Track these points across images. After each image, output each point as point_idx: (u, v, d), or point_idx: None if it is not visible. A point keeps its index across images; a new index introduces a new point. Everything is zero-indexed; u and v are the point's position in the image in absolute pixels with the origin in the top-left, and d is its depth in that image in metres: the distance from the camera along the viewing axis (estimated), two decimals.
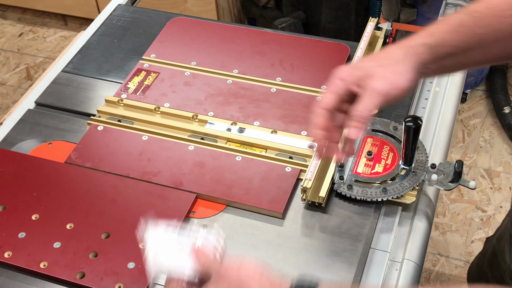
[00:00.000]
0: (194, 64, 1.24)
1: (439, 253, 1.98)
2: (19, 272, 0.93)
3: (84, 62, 1.28)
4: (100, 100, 1.19)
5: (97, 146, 1.09)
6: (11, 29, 2.96)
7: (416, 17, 2.14)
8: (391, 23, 1.26)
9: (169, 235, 0.76)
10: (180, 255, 0.75)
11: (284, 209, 0.98)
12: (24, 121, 1.16)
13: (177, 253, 0.75)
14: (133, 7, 1.43)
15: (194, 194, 1.01)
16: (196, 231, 0.77)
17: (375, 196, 0.97)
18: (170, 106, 1.16)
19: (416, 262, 0.92)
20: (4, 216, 0.98)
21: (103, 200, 1.00)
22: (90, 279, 0.90)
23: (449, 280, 1.91)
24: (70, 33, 2.91)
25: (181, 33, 1.32)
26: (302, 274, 0.69)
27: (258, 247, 0.94)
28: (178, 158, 1.07)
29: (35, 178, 1.04)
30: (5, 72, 2.73)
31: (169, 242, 0.75)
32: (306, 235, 0.95)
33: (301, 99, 1.15)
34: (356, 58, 1.17)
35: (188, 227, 0.79)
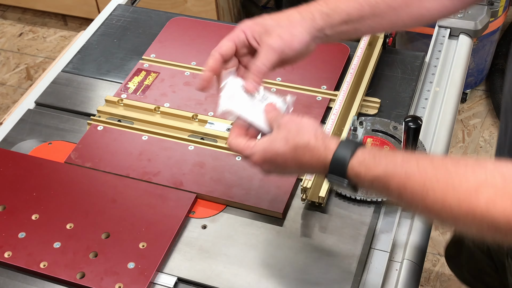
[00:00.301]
0: (194, 64, 1.24)
1: (439, 253, 1.98)
2: (19, 272, 0.93)
3: (84, 62, 1.28)
4: (100, 100, 1.19)
5: (97, 146, 1.09)
6: (11, 29, 2.96)
7: None
8: None
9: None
10: (252, 104, 0.83)
11: (284, 209, 0.98)
12: (24, 121, 1.17)
13: (249, 101, 0.83)
14: (133, 7, 1.43)
15: (194, 194, 1.01)
16: (271, 93, 0.85)
17: (375, 196, 0.97)
18: (170, 106, 1.16)
19: (416, 262, 0.92)
20: (4, 216, 0.98)
21: (103, 200, 1.00)
22: (90, 279, 0.90)
23: (449, 280, 1.91)
24: (70, 33, 2.91)
25: (181, 33, 1.32)
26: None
27: (258, 247, 0.94)
28: (178, 158, 1.07)
29: (35, 178, 1.04)
30: (5, 72, 2.73)
31: (244, 91, 0.84)
32: (306, 235, 0.95)
33: (301, 99, 1.15)
34: (356, 58, 1.17)
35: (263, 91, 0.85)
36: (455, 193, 0.65)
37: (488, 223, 0.63)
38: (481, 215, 0.63)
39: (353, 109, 1.09)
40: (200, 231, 0.97)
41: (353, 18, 0.85)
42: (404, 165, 0.69)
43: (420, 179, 0.67)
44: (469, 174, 0.65)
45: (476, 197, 0.63)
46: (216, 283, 0.90)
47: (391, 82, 1.19)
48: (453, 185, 0.65)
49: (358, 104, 1.10)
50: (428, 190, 0.66)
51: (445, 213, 0.66)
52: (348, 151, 0.73)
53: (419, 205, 0.68)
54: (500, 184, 0.63)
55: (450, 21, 1.30)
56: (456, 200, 0.64)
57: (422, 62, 1.22)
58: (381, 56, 1.22)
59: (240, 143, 0.81)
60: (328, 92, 1.16)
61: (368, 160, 0.72)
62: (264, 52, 0.82)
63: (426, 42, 1.35)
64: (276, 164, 0.78)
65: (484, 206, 0.63)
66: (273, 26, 0.83)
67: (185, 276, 0.91)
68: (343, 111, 1.09)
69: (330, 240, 0.94)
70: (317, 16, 0.84)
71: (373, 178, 0.71)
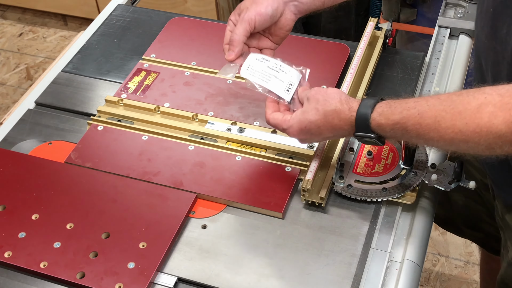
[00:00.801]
0: (194, 64, 1.24)
1: (439, 253, 1.98)
2: (19, 272, 0.93)
3: (84, 62, 1.28)
4: (100, 100, 1.19)
5: (97, 146, 1.09)
6: (11, 29, 2.96)
7: (416, 17, 2.14)
8: (391, 23, 1.25)
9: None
10: (268, 73, 0.98)
11: (284, 209, 0.98)
12: (24, 121, 1.17)
13: (266, 71, 0.98)
14: (133, 7, 1.43)
15: (194, 194, 1.01)
16: (286, 64, 0.99)
17: (375, 196, 0.97)
18: (170, 106, 1.16)
19: (416, 262, 0.92)
20: (4, 216, 0.98)
21: (103, 200, 1.00)
22: (90, 279, 0.90)
23: (449, 280, 1.91)
24: (70, 33, 2.91)
25: (181, 33, 1.32)
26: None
27: (258, 247, 0.94)
28: (178, 158, 1.07)
29: (35, 178, 1.04)
30: (5, 72, 2.73)
31: (262, 63, 0.99)
32: (306, 235, 0.95)
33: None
34: (356, 58, 1.17)
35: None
36: (461, 117, 0.75)
37: (493, 135, 0.73)
38: (487, 129, 0.73)
39: None
40: (200, 231, 0.97)
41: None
42: (416, 106, 0.80)
43: (431, 114, 0.78)
44: (470, 98, 0.75)
45: (480, 115, 0.73)
46: (216, 283, 0.90)
47: (391, 82, 1.19)
48: (459, 111, 0.75)
49: None
50: (439, 121, 0.77)
51: (457, 137, 0.76)
52: (368, 107, 0.84)
53: (435, 136, 0.78)
54: (498, 101, 0.72)
55: (450, 21, 1.30)
56: (464, 123, 0.74)
57: (422, 62, 1.22)
58: (381, 56, 1.22)
59: (277, 118, 0.93)
60: None
61: (386, 110, 0.83)
62: (239, 24, 0.96)
63: (426, 42, 1.35)
64: (311, 132, 0.90)
65: (487, 120, 0.73)
66: (246, 4, 0.98)
67: (185, 276, 0.91)
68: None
69: (330, 240, 0.94)
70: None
71: (393, 124, 0.82)
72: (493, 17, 0.87)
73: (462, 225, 1.27)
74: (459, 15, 1.31)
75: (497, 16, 0.85)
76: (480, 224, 1.23)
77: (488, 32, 0.89)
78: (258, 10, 0.95)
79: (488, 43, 0.90)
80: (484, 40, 0.91)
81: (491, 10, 0.87)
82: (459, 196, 1.19)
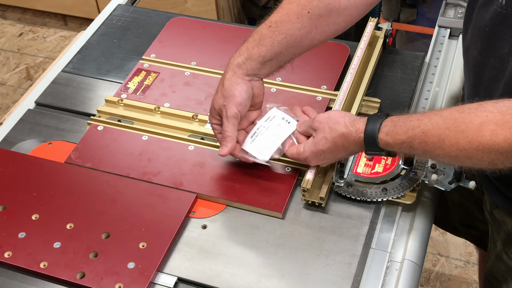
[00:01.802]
0: (194, 64, 1.24)
1: (439, 253, 1.98)
2: (19, 272, 0.93)
3: (84, 62, 1.28)
4: (100, 100, 1.19)
5: (97, 146, 1.09)
6: (11, 29, 2.96)
7: (416, 17, 2.14)
8: (391, 23, 1.26)
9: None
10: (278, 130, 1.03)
11: (284, 209, 0.98)
12: (24, 121, 1.16)
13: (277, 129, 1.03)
14: (133, 7, 1.43)
15: (194, 194, 1.01)
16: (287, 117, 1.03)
17: (375, 196, 0.97)
18: (170, 106, 1.16)
19: (416, 262, 0.92)
20: (4, 216, 0.98)
21: (103, 200, 1.00)
22: (90, 279, 0.90)
23: (449, 280, 1.91)
24: (70, 33, 2.91)
25: (181, 33, 1.32)
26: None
27: (258, 247, 0.94)
28: (178, 158, 1.07)
29: (35, 178, 1.04)
30: (5, 72, 2.73)
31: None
32: (306, 235, 0.95)
33: (301, 99, 1.15)
34: (356, 58, 1.17)
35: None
36: (464, 135, 0.78)
37: (496, 152, 0.76)
38: (489, 147, 0.76)
39: (353, 109, 1.09)
40: (200, 231, 0.97)
41: (268, 58, 0.98)
42: (420, 125, 0.83)
43: (435, 133, 0.81)
44: (472, 116, 0.78)
45: (482, 134, 0.76)
46: (216, 283, 0.90)
47: (391, 82, 1.19)
48: (461, 130, 0.78)
49: (358, 104, 1.10)
50: (443, 140, 0.80)
51: (461, 154, 0.79)
52: (374, 128, 0.88)
53: (441, 153, 0.81)
54: (499, 119, 0.75)
55: (450, 21, 1.31)
56: (467, 141, 0.78)
57: (422, 62, 1.22)
58: (381, 56, 1.22)
59: (294, 151, 0.99)
60: (328, 92, 1.16)
61: (391, 130, 0.87)
62: (226, 123, 0.98)
63: (426, 42, 1.35)
64: (327, 157, 0.95)
65: (489, 139, 0.75)
66: (219, 103, 0.99)
67: (185, 276, 0.91)
68: (343, 111, 1.09)
69: (330, 240, 0.94)
70: (237, 70, 0.99)
71: (400, 143, 0.85)
72: (490, 36, 0.88)
73: (458, 224, 1.28)
74: (459, 15, 1.31)
75: (496, 35, 0.87)
76: (475, 222, 1.24)
77: (484, 49, 0.90)
78: (236, 102, 0.98)
79: (482, 60, 0.91)
80: (477, 56, 0.92)
81: (487, 30, 0.88)
82: (454, 195, 1.20)
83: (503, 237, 1.01)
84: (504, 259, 1.02)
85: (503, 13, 0.84)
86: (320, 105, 1.14)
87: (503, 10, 0.84)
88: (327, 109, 1.13)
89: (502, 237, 1.02)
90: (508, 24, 0.84)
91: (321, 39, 1.00)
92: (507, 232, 0.99)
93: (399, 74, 1.20)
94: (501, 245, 1.03)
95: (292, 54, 1.00)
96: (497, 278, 1.06)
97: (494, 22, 0.86)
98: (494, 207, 1.03)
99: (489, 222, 1.08)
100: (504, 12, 0.84)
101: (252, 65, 0.98)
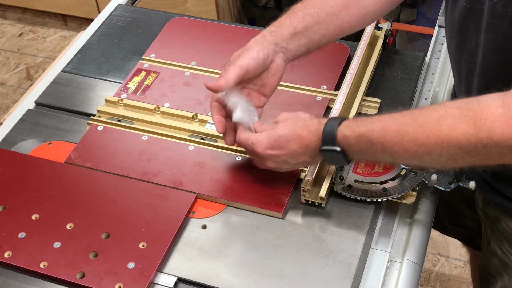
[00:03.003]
0: (194, 64, 1.24)
1: (439, 253, 1.98)
2: (19, 272, 0.93)
3: (84, 62, 1.28)
4: (100, 100, 1.19)
5: (97, 146, 1.09)
6: (11, 29, 2.96)
7: (416, 17, 2.14)
8: (391, 23, 1.25)
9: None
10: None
11: (284, 209, 0.98)
12: (24, 121, 1.17)
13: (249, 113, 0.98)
14: (133, 7, 1.43)
15: (194, 194, 1.01)
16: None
17: (375, 196, 0.97)
18: (170, 106, 1.16)
19: (416, 262, 0.92)
20: (4, 216, 0.98)
21: (103, 200, 1.00)
22: (90, 279, 0.90)
23: (449, 280, 1.91)
24: (70, 33, 2.91)
25: (181, 33, 1.32)
26: None
27: (258, 247, 0.94)
28: (178, 158, 1.07)
29: (35, 178, 1.04)
30: (5, 72, 2.73)
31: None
32: (306, 235, 0.95)
33: (301, 99, 1.15)
34: (356, 58, 1.17)
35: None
36: (422, 130, 0.78)
37: (454, 146, 0.76)
38: (447, 141, 0.76)
39: (353, 109, 1.09)
40: (200, 231, 0.97)
41: (299, 30, 0.98)
42: (380, 120, 0.83)
43: (394, 127, 0.81)
44: (431, 111, 0.79)
45: (440, 128, 0.77)
46: (216, 283, 0.90)
47: (391, 82, 1.19)
48: (420, 124, 0.79)
49: (358, 104, 1.10)
50: (402, 135, 0.80)
51: (420, 150, 0.79)
52: (336, 121, 0.88)
53: (399, 150, 0.81)
54: (457, 114, 0.76)
55: None
56: (425, 135, 0.78)
57: (422, 62, 1.22)
58: (381, 56, 1.22)
59: (247, 133, 0.95)
60: (328, 92, 1.16)
61: (352, 123, 0.87)
62: (229, 67, 0.96)
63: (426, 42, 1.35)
64: (280, 145, 0.91)
65: (447, 133, 0.76)
66: (237, 57, 0.97)
67: (185, 276, 0.91)
68: (343, 111, 1.09)
69: (330, 240, 0.94)
70: (267, 34, 0.98)
71: (358, 136, 0.85)
72: (460, 30, 0.89)
73: (447, 222, 1.29)
74: None
75: (465, 29, 0.88)
76: (464, 221, 1.25)
77: (457, 44, 0.92)
78: (250, 55, 0.95)
79: (459, 55, 0.93)
80: (455, 52, 0.94)
81: (458, 25, 0.89)
82: (443, 193, 1.21)
83: (497, 233, 1.02)
84: (499, 254, 1.02)
85: (468, 7, 0.85)
86: (320, 105, 1.14)
87: (467, 4, 0.85)
88: (327, 109, 1.13)
89: (495, 234, 1.02)
90: (473, 17, 0.85)
91: (350, 21, 1.00)
92: (501, 228, 1.00)
93: (399, 74, 1.20)
94: (495, 241, 1.03)
95: (321, 34, 0.99)
96: (491, 273, 1.07)
97: (462, 17, 0.87)
98: (486, 204, 1.04)
99: (481, 219, 1.08)
100: (469, 7, 0.85)
101: (283, 34, 0.97)
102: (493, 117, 0.74)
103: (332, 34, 1.00)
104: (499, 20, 0.80)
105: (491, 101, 0.75)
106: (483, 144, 0.75)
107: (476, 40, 0.86)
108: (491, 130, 0.74)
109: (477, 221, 1.15)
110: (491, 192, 0.97)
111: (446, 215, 1.27)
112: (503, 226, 0.99)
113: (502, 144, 0.74)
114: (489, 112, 0.74)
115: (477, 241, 1.28)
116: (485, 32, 0.84)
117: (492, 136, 0.74)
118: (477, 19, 0.84)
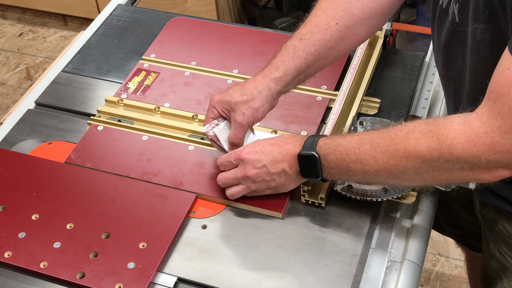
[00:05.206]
0: (194, 64, 1.24)
1: (439, 253, 1.98)
2: (19, 272, 0.93)
3: (84, 62, 1.28)
4: (100, 100, 1.19)
5: (97, 146, 1.09)
6: (11, 29, 2.96)
7: (416, 17, 2.14)
8: (391, 23, 1.26)
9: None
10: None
11: (284, 209, 0.98)
12: (24, 121, 1.17)
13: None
14: (133, 7, 1.43)
15: (194, 194, 1.01)
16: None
17: (375, 196, 0.97)
18: (170, 106, 1.16)
19: (416, 262, 0.92)
20: (4, 216, 0.98)
21: (103, 200, 1.00)
22: (90, 279, 0.90)
23: (449, 280, 1.91)
24: (70, 33, 2.91)
25: (181, 33, 1.32)
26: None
27: (258, 247, 0.94)
28: (178, 158, 1.07)
29: (35, 178, 1.04)
30: (5, 72, 2.73)
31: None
32: (306, 235, 0.95)
33: (301, 99, 1.15)
34: (356, 58, 1.17)
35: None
36: (393, 142, 0.83)
37: (419, 160, 0.80)
38: (413, 154, 0.81)
39: (353, 109, 1.09)
40: (200, 231, 0.97)
41: (302, 70, 0.99)
42: (358, 134, 0.88)
43: (368, 140, 0.86)
44: (403, 126, 0.84)
45: (407, 141, 0.81)
46: (216, 283, 0.90)
47: (391, 82, 1.19)
48: (391, 137, 0.83)
49: (358, 104, 1.10)
50: (375, 147, 0.85)
51: (389, 162, 0.83)
52: (316, 136, 0.92)
53: (371, 162, 0.85)
54: (424, 128, 0.80)
55: None
56: (395, 148, 0.82)
57: (422, 62, 1.22)
58: (381, 56, 1.22)
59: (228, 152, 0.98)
60: (328, 92, 1.16)
61: (334, 135, 0.93)
62: (234, 127, 0.98)
63: (426, 42, 1.35)
64: (263, 151, 0.94)
65: (413, 146, 0.81)
66: (237, 103, 0.97)
67: (185, 276, 0.91)
68: (343, 111, 1.09)
69: (330, 240, 0.94)
70: (272, 85, 0.97)
71: (336, 145, 0.89)
72: (446, 49, 0.91)
73: (444, 222, 1.29)
74: None
75: (450, 50, 0.90)
76: (460, 221, 1.25)
77: (444, 62, 0.94)
78: (254, 115, 0.97)
79: (446, 72, 0.94)
80: (442, 69, 0.96)
81: (443, 44, 0.91)
82: (441, 193, 1.21)
83: (495, 235, 1.02)
84: (497, 256, 1.02)
85: (451, 29, 0.87)
86: (320, 105, 1.14)
87: (451, 26, 0.87)
88: (327, 109, 1.13)
89: (493, 236, 1.02)
90: (457, 38, 0.87)
91: (345, 50, 1.02)
92: (498, 230, 1.00)
93: (399, 74, 1.20)
94: (493, 243, 1.03)
95: (318, 67, 1.02)
96: (491, 276, 1.07)
97: (447, 37, 0.90)
98: (483, 206, 1.04)
99: (480, 221, 1.09)
100: (453, 28, 0.87)
101: (288, 79, 0.99)
102: (455, 133, 0.77)
103: (328, 64, 1.03)
104: (480, 45, 0.83)
105: (456, 118, 0.79)
106: (445, 159, 0.78)
107: (462, 60, 0.88)
108: (452, 146, 0.77)
109: (472, 222, 1.15)
110: (488, 194, 0.98)
111: (443, 215, 1.27)
112: (500, 228, 0.99)
113: (463, 160, 0.77)
114: (451, 128, 0.78)
115: (473, 241, 1.29)
116: (470, 54, 0.86)
117: (453, 151, 0.77)
118: (463, 40, 0.86)
